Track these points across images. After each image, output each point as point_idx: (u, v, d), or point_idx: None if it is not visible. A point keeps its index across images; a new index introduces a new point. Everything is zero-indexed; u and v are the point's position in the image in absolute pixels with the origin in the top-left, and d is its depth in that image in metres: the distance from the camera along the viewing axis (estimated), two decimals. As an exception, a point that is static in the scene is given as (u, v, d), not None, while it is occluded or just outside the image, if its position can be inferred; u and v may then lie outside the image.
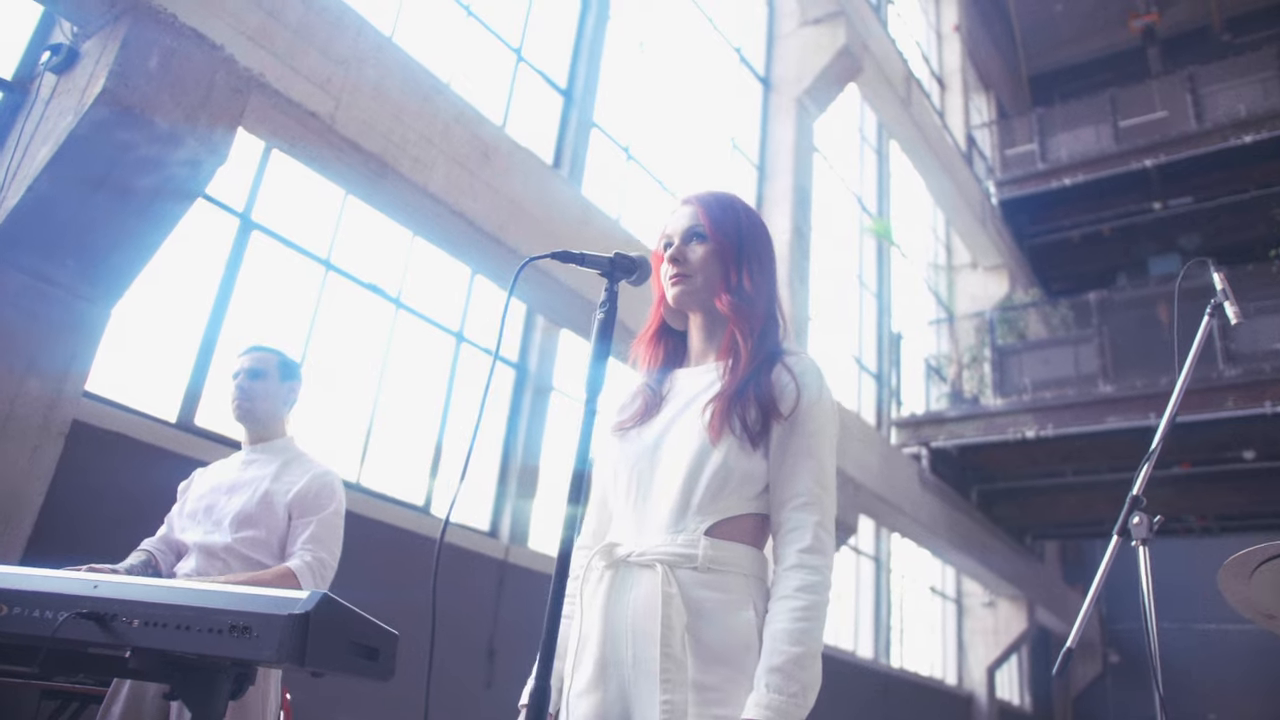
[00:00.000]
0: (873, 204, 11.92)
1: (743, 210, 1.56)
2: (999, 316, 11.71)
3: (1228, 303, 1.98)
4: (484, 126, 4.97)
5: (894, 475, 9.67)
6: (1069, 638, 1.97)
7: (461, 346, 5.79)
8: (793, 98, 9.27)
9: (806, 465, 1.39)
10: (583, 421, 1.25)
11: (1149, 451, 1.94)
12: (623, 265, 1.33)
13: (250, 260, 4.66)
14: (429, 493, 5.45)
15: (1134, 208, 13.48)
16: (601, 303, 1.30)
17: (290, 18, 3.99)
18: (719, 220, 1.51)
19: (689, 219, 1.53)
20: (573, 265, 1.33)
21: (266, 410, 2.59)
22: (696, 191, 1.57)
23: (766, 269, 1.54)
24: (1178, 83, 12.93)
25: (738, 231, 1.52)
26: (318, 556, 2.39)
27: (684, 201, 1.57)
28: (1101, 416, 9.61)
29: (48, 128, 3.52)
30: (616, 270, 1.32)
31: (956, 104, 14.43)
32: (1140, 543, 1.88)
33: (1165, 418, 1.91)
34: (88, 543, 3.69)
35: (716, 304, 1.49)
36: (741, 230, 1.52)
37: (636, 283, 1.37)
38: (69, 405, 3.55)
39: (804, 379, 1.43)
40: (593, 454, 1.29)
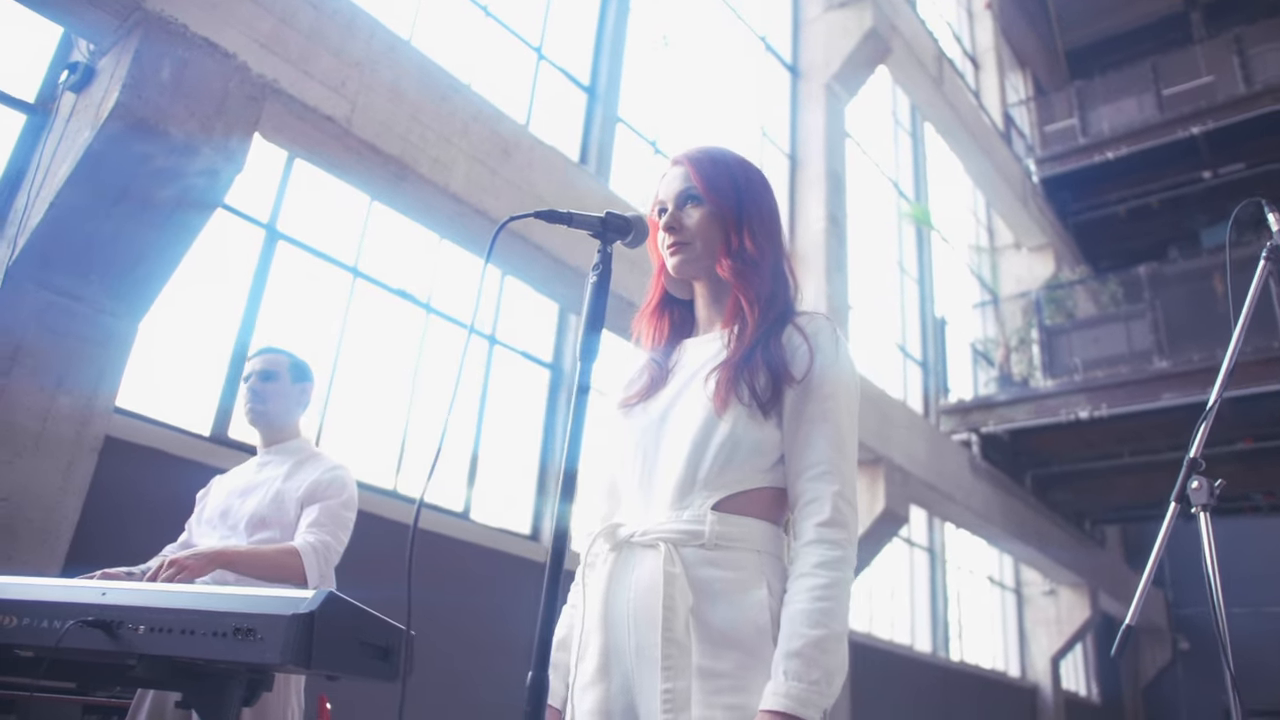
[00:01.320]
0: (910, 188, 11.69)
1: (738, 165, 1.45)
2: (1046, 296, 11.39)
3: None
4: (504, 123, 4.92)
5: (944, 463, 9.45)
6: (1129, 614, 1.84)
7: (495, 349, 5.74)
8: (821, 83, 9.11)
9: (822, 431, 1.28)
10: (577, 392, 1.16)
11: (1205, 409, 1.80)
12: (615, 225, 1.23)
13: (278, 270, 4.65)
14: (468, 498, 5.41)
15: (1183, 178, 13.04)
16: (594, 265, 1.20)
17: (302, 22, 3.97)
18: (713, 179, 1.41)
19: (681, 181, 1.42)
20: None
21: (279, 412, 2.57)
22: (687, 150, 1.46)
23: (769, 226, 1.43)
24: (1223, 45, 12.50)
25: (734, 190, 1.41)
26: (321, 539, 2.35)
27: (674, 162, 1.46)
28: (1157, 393, 9.29)
29: (67, 146, 3.54)
30: (609, 231, 1.23)
31: (992, 83, 14.12)
32: (1200, 508, 1.75)
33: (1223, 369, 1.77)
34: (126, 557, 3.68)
35: (719, 269, 1.39)
36: (739, 188, 1.42)
37: (632, 244, 1.27)
38: (101, 421, 3.56)
39: (817, 339, 1.32)
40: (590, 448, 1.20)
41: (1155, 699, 15.95)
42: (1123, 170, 13.20)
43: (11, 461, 3.30)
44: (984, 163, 12.10)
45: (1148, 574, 1.80)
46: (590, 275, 1.20)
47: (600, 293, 1.19)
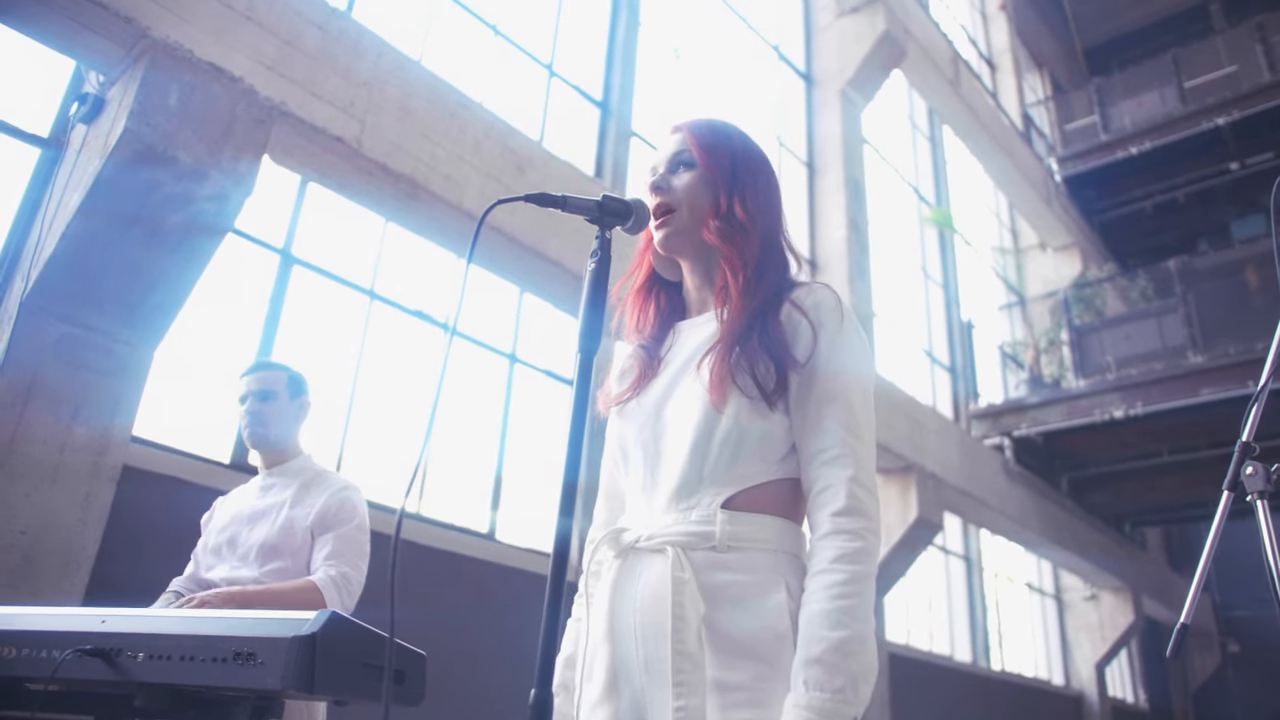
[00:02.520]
0: (930, 192, 11.56)
1: (737, 134, 1.36)
2: (1074, 295, 11.19)
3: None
4: (515, 139, 4.88)
5: (977, 469, 9.27)
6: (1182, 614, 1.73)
7: (515, 368, 5.68)
8: (837, 90, 9.04)
9: (832, 411, 1.17)
10: (576, 387, 1.08)
11: (1257, 390, 1.69)
12: (613, 209, 1.16)
13: (293, 295, 4.63)
14: (492, 519, 5.34)
15: (1209, 170, 12.81)
16: (592, 251, 1.13)
17: (308, 44, 3.96)
18: (709, 145, 1.32)
19: (676, 145, 1.34)
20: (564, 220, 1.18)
21: (280, 433, 2.49)
22: (687, 118, 1.38)
23: (764, 197, 1.32)
24: (1245, 34, 12.29)
25: (730, 155, 1.32)
26: (341, 571, 2.26)
27: (674, 129, 1.37)
28: (1194, 389, 9.07)
29: (78, 177, 3.53)
30: (607, 215, 1.16)
31: (1009, 84, 13.97)
32: (1257, 495, 1.63)
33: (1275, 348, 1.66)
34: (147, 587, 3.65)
35: (704, 234, 1.28)
36: (735, 154, 1.32)
37: (632, 230, 1.20)
38: (118, 451, 3.53)
39: (819, 314, 1.21)
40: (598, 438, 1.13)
41: (1206, 704, 15.52)
42: (1147, 165, 12.99)
43: (29, 494, 3.27)
44: (1005, 164, 11.96)
45: (1202, 567, 1.69)
46: (589, 263, 1.12)
47: (599, 281, 1.11)
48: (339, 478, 2.47)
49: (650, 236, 1.35)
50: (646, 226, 1.24)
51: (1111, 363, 10.08)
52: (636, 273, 1.40)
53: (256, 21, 3.80)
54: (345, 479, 2.47)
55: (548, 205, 1.12)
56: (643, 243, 1.39)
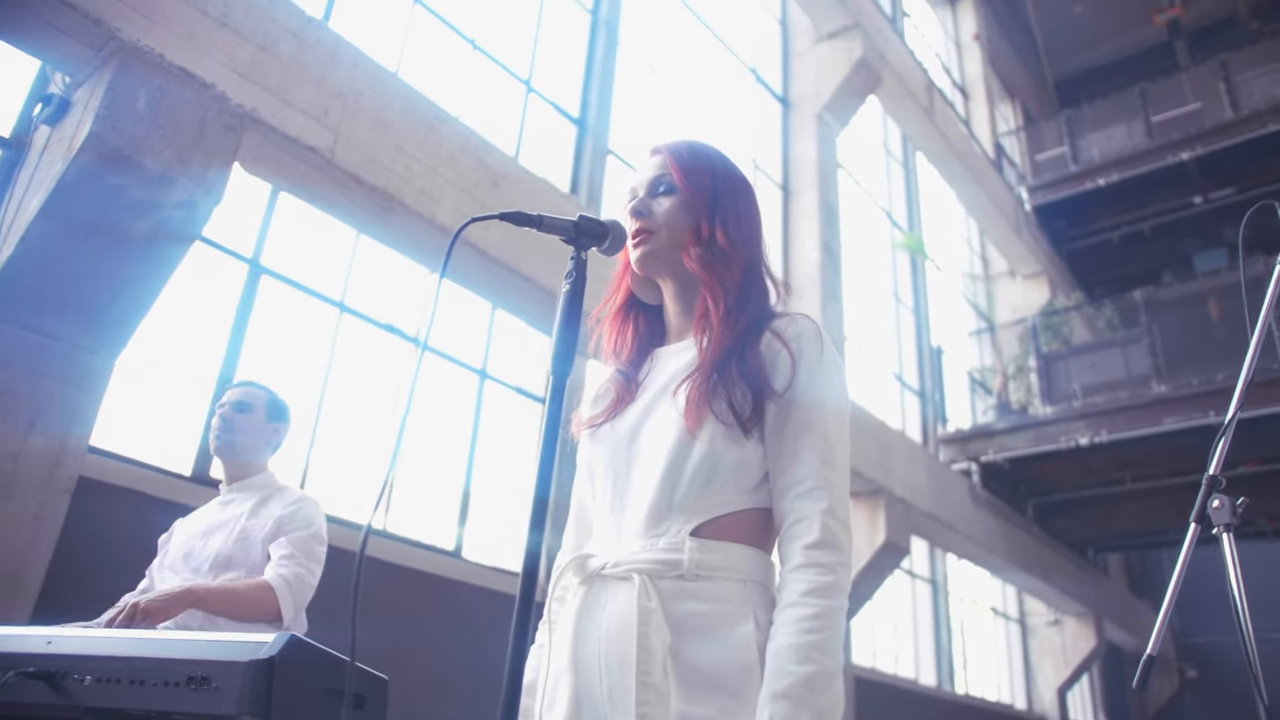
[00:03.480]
0: (903, 217, 11.67)
1: (717, 158, 1.35)
2: (1042, 323, 11.32)
3: (1302, 252, 1.74)
4: (491, 154, 4.86)
5: (945, 493, 9.32)
6: (1149, 644, 1.73)
7: (485, 384, 5.63)
8: (813, 114, 9.11)
9: (809, 444, 1.15)
10: (547, 409, 1.05)
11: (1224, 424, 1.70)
12: (590, 229, 1.14)
13: (262, 306, 4.56)
14: (459, 537, 5.27)
15: (1174, 203, 13.06)
16: (567, 273, 1.11)
17: (283, 52, 3.91)
18: (690, 168, 1.30)
19: (656, 169, 1.32)
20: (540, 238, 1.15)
21: (246, 445, 2.45)
22: (666, 140, 1.36)
23: (745, 223, 1.31)
24: (1209, 72, 12.57)
25: (711, 179, 1.30)
26: (294, 571, 2.23)
27: (653, 151, 1.35)
28: (1157, 418, 9.19)
29: (40, 178, 3.46)
30: (583, 235, 1.14)
31: (982, 113, 14.17)
32: (1223, 528, 1.64)
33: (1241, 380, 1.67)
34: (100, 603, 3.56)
35: (685, 261, 1.26)
36: (716, 179, 1.31)
37: (608, 251, 1.18)
38: (74, 461, 3.45)
39: (799, 343, 1.20)
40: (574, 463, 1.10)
41: (1165, 730, 15.66)
42: (1114, 197, 13.21)
43: (-21, 505, 3.18)
44: (976, 191, 12.10)
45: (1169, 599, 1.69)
46: (563, 284, 1.10)
47: (574, 303, 1.09)
48: (297, 491, 2.45)
49: (628, 258, 1.33)
50: (623, 248, 1.22)
51: (1078, 390, 10.19)
52: (614, 295, 1.38)
53: (231, 27, 3.75)
54: (303, 492, 2.44)
55: (523, 224, 1.09)
56: (621, 265, 1.37)
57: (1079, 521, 12.12)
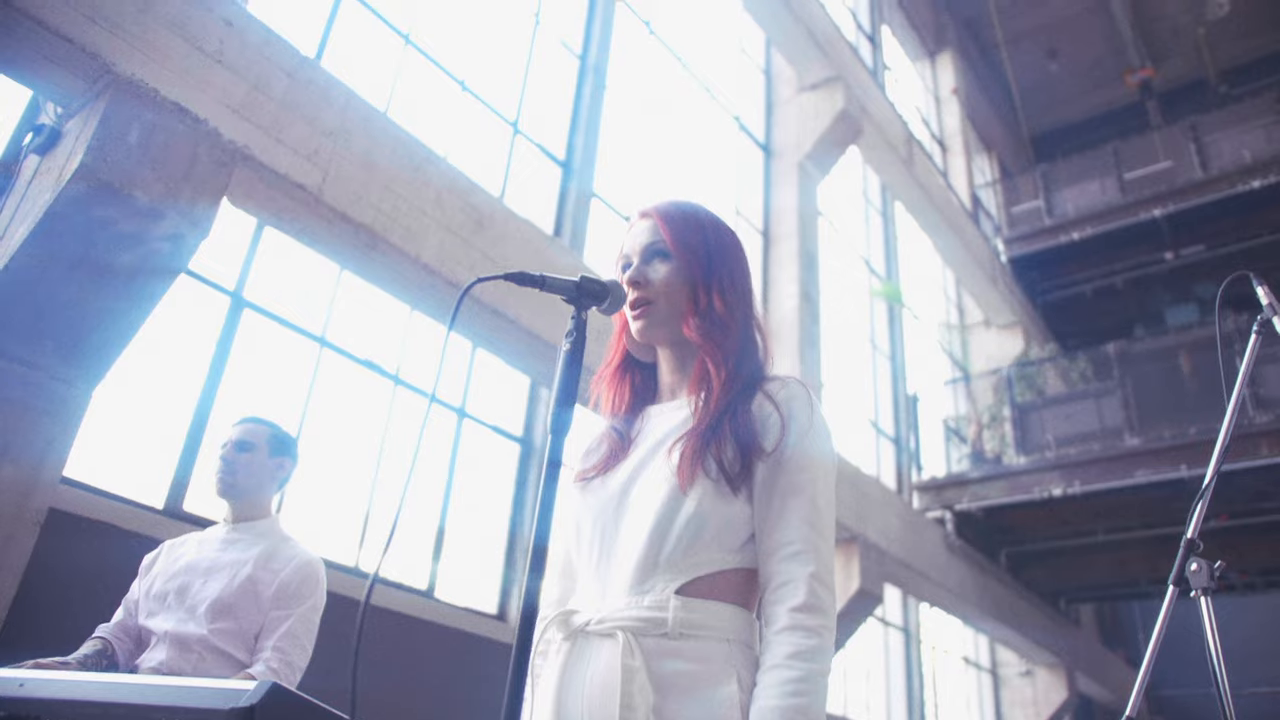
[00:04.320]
0: (881, 266, 11.82)
1: (708, 220, 1.37)
2: (1016, 373, 11.46)
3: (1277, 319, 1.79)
4: (477, 195, 4.89)
5: (919, 541, 9.34)
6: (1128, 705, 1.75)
7: (464, 423, 5.62)
8: (794, 162, 9.25)
9: (796, 506, 1.17)
10: (546, 468, 1.06)
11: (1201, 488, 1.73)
12: (590, 290, 1.16)
13: (242, 339, 4.54)
14: (432, 576, 5.22)
15: (1146, 259, 13.33)
16: (568, 332, 1.13)
17: (276, 90, 3.94)
18: (682, 233, 1.32)
19: (649, 234, 1.34)
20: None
21: (250, 485, 2.42)
22: (656, 203, 1.38)
23: (740, 286, 1.34)
24: (1180, 133, 12.92)
25: (704, 246, 1.33)
26: (286, 661, 2.18)
27: (642, 214, 1.37)
28: (1130, 471, 9.29)
29: (26, 208, 3.44)
30: (584, 296, 1.15)
31: (959, 165, 14.44)
32: (1200, 592, 1.67)
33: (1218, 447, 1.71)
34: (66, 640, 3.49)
35: (684, 330, 1.29)
36: (709, 243, 1.33)
37: (608, 310, 1.20)
38: (45, 493, 3.39)
39: (789, 406, 1.22)
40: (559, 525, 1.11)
41: (1135, 784, 15.58)
42: (1088, 251, 13.47)
43: (-55, 537, 3.12)
44: (953, 242, 12.29)
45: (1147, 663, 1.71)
46: (563, 343, 1.12)
47: (574, 362, 1.11)
48: (304, 549, 2.41)
49: (625, 320, 1.35)
50: (621, 307, 1.24)
51: (1051, 441, 10.29)
52: (612, 357, 1.40)
53: (226, 64, 3.78)
54: (310, 551, 2.40)
55: (527, 284, 1.11)
56: (618, 326, 1.39)
57: (1051, 572, 12.18)
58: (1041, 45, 15.99)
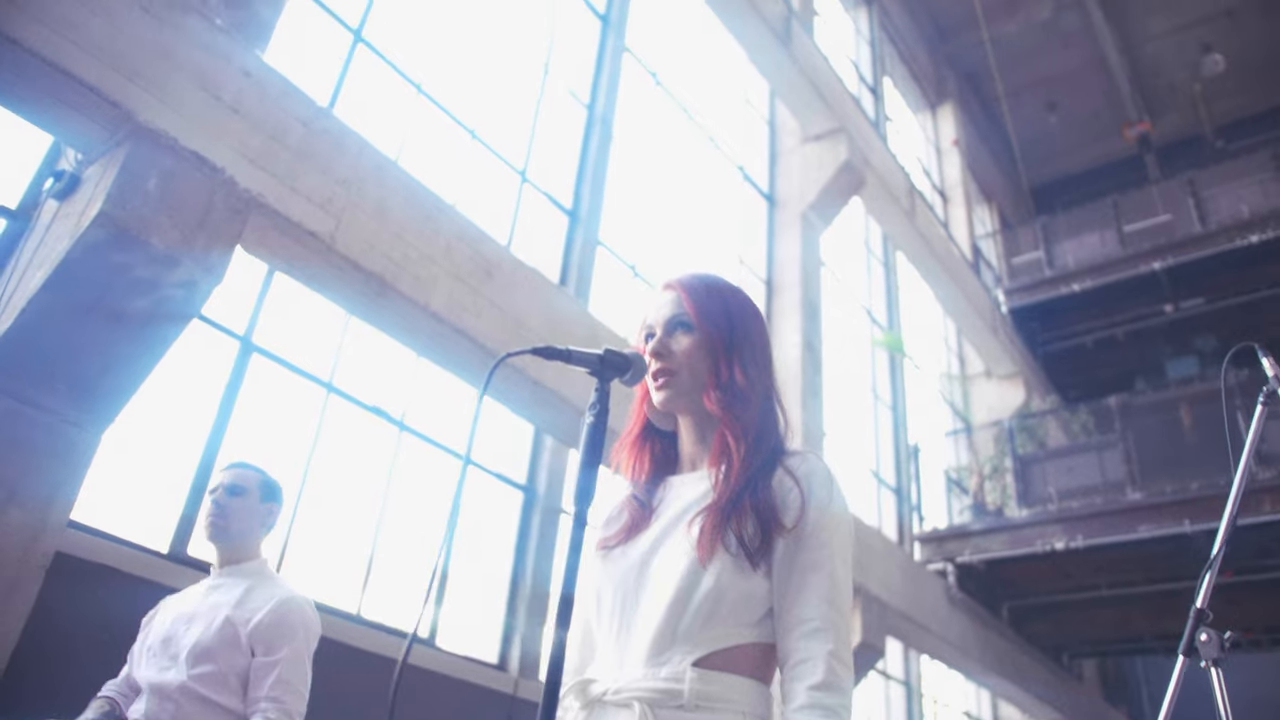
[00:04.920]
0: (882, 315, 11.88)
1: (730, 293, 1.40)
2: (1018, 425, 11.46)
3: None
4: (486, 244, 4.95)
5: (920, 593, 9.27)
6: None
7: (468, 469, 5.62)
8: (798, 213, 9.35)
9: (815, 582, 1.18)
10: (571, 535, 1.08)
11: (1210, 558, 1.75)
12: (614, 363, 1.19)
13: (250, 383, 4.56)
14: (434, 624, 5.19)
15: (1146, 311, 13.38)
16: (591, 404, 1.15)
17: (291, 139, 4.01)
18: (705, 306, 1.35)
19: (672, 306, 1.36)
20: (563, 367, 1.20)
21: (241, 530, 2.43)
22: (679, 275, 1.41)
23: (760, 359, 1.36)
24: (1178, 187, 13.05)
25: (727, 318, 1.35)
26: (284, 710, 2.17)
27: (665, 286, 1.40)
28: (1133, 525, 9.25)
29: (45, 253, 3.49)
30: (607, 368, 1.18)
31: (960, 215, 14.58)
32: (1211, 663, 1.67)
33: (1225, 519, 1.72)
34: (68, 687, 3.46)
35: (706, 402, 1.31)
36: (731, 316, 1.35)
37: (630, 382, 1.22)
38: (52, 536, 3.39)
39: (809, 482, 1.24)
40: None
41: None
42: (1088, 302, 13.53)
43: (-51, 580, 3.11)
44: (954, 292, 12.37)
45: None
46: (587, 415, 1.14)
47: (597, 433, 1.13)
48: (286, 587, 2.39)
49: (646, 389, 1.37)
50: (643, 379, 1.26)
51: (1053, 494, 10.26)
52: (633, 426, 1.42)
53: (243, 114, 3.85)
54: (291, 589, 2.39)
55: (554, 359, 1.14)
56: (639, 394, 1.41)
57: (1054, 626, 12.07)
58: (1041, 98, 16.22)
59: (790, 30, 9.20)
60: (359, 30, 5.39)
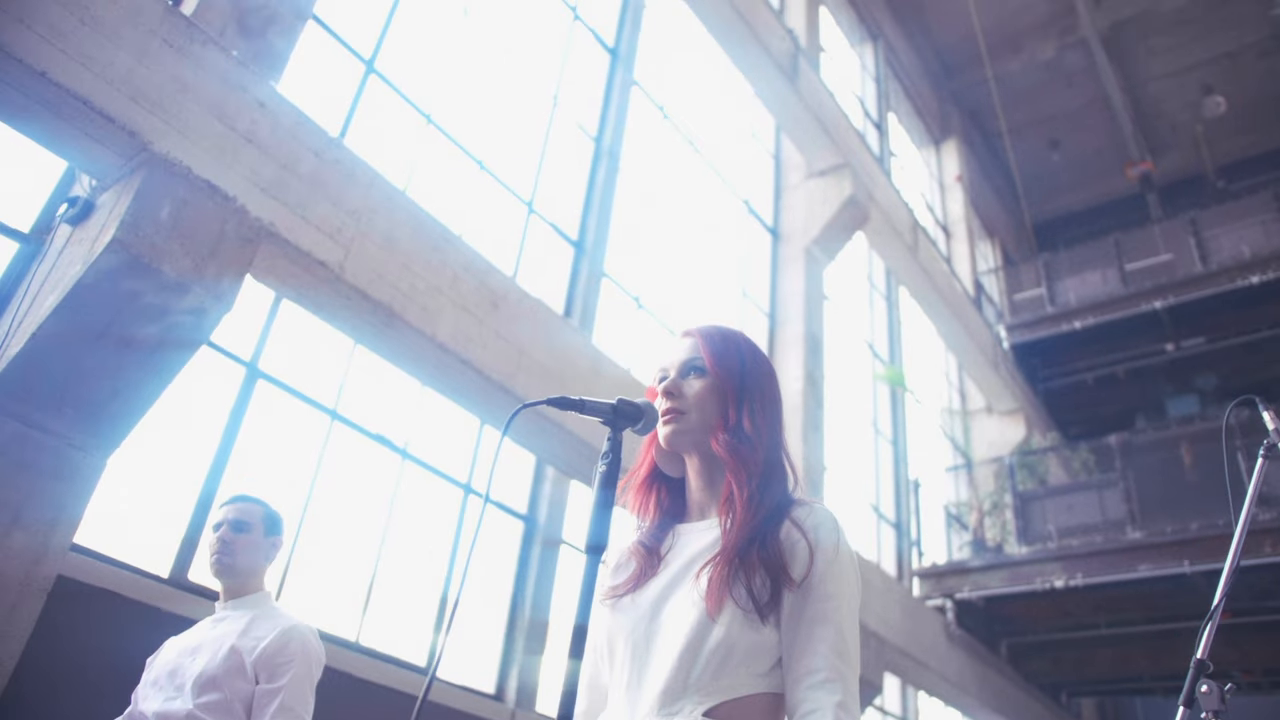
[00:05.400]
0: (884, 350, 11.92)
1: (746, 345, 1.43)
2: (1018, 461, 11.45)
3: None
4: (493, 275, 4.99)
5: (919, 629, 9.23)
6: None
7: (469, 499, 5.62)
8: (802, 247, 9.40)
9: (823, 634, 1.21)
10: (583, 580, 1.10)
11: (1211, 609, 1.76)
12: (626, 412, 1.21)
13: (255, 409, 4.58)
14: (433, 652, 5.17)
15: (1147, 349, 13.41)
16: (604, 453, 1.18)
17: (304, 169, 4.06)
18: (720, 354, 1.38)
19: (688, 351, 1.40)
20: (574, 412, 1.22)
21: (247, 565, 2.47)
22: (698, 324, 1.45)
23: (770, 411, 1.39)
24: (1180, 227, 13.13)
25: (740, 366, 1.38)
26: None
27: (684, 334, 1.44)
28: (1133, 564, 9.23)
29: (57, 277, 3.53)
30: (620, 418, 1.21)
31: (963, 251, 14.65)
32: (1211, 714, 1.68)
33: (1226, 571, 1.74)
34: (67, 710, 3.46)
35: (713, 444, 1.33)
36: (744, 366, 1.39)
37: (642, 431, 1.25)
38: (55, 560, 3.40)
39: (817, 534, 1.26)
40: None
41: None
42: (1089, 339, 13.56)
43: (-50, 603, 3.12)
44: (956, 327, 12.40)
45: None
46: (599, 464, 1.16)
47: (609, 482, 1.15)
48: (289, 616, 2.43)
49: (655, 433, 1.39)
50: (654, 428, 1.29)
51: (1053, 531, 10.24)
52: (640, 467, 1.44)
53: (257, 144, 3.90)
54: (295, 619, 2.42)
55: (568, 409, 1.16)
56: (648, 437, 1.43)
57: (1053, 664, 11.99)
58: (1044, 136, 16.36)
59: (797, 66, 9.31)
60: (371, 61, 5.46)
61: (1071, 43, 14.65)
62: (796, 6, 10.47)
